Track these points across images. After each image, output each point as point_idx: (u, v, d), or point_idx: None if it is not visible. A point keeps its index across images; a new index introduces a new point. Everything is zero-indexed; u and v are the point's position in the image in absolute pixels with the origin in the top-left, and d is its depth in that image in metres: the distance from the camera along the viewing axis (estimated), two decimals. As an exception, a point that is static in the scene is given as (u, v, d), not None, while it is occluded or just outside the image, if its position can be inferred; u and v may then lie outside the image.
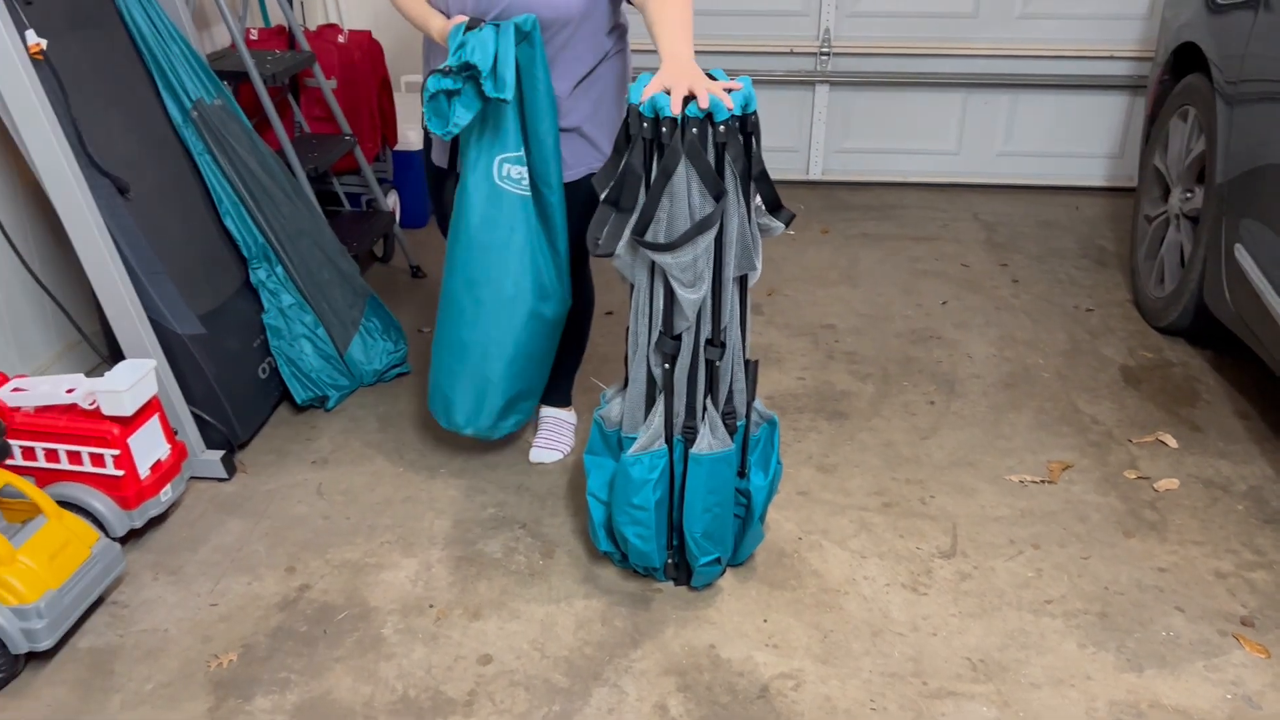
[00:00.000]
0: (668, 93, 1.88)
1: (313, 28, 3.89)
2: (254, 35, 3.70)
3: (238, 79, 3.21)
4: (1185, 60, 3.40)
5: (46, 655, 2.08)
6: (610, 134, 2.38)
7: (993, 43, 4.46)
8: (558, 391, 2.77)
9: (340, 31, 3.80)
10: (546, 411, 2.79)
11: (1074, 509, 2.51)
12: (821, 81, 4.57)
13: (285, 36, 3.73)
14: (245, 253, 2.81)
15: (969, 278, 3.80)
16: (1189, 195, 3.23)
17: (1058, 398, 2.99)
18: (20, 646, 1.97)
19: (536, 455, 2.70)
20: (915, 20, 4.46)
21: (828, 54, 4.52)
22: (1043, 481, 2.62)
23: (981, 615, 2.18)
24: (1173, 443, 2.77)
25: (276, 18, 4.01)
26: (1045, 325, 3.43)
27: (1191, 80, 3.25)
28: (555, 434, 2.74)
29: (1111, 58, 4.43)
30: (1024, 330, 3.40)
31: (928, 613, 2.19)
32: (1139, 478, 2.63)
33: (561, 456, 2.71)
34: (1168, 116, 3.42)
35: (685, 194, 1.88)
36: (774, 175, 4.92)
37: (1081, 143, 4.62)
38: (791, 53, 4.54)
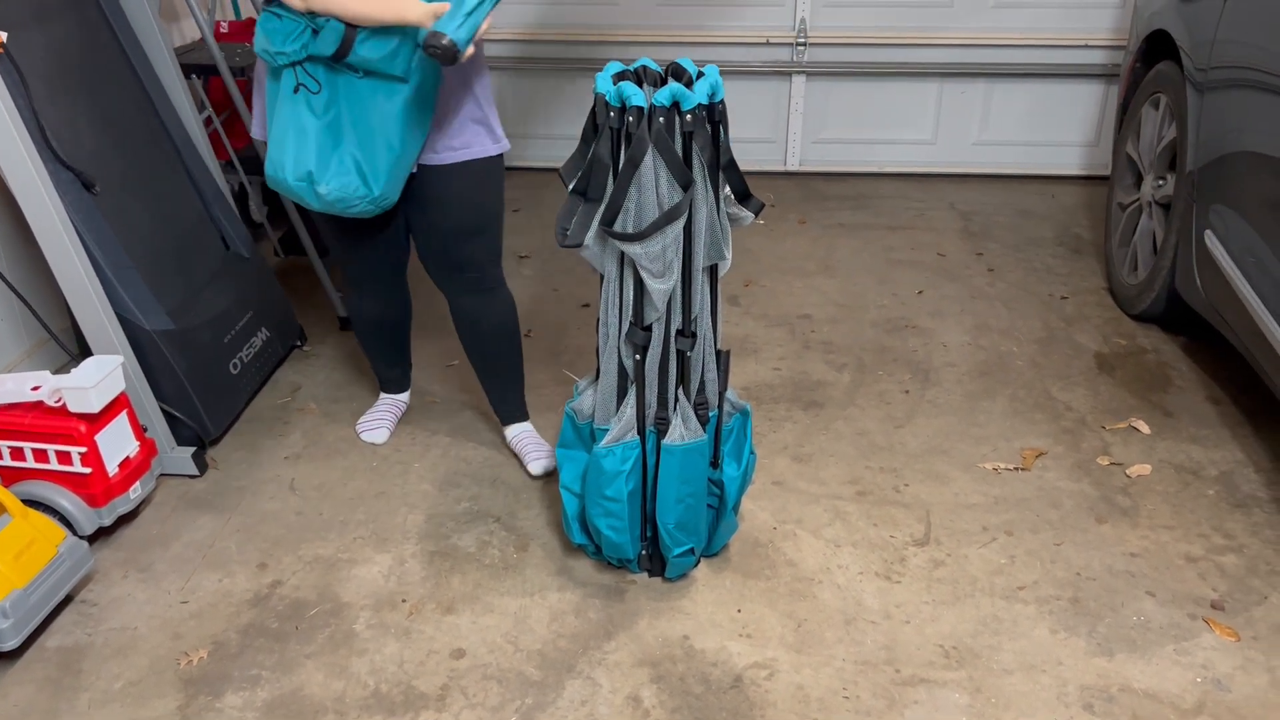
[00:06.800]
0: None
1: (284, 20, 3.85)
2: (224, 28, 3.67)
3: (207, 72, 3.19)
4: (1157, 47, 3.41)
5: (13, 655, 2.06)
6: None
7: (968, 32, 4.47)
8: (517, 409, 2.67)
9: (312, 24, 3.76)
10: (517, 430, 2.68)
11: (1047, 496, 2.52)
12: (798, 72, 4.57)
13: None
14: None
15: (945, 267, 3.80)
16: (1161, 182, 3.25)
17: (1032, 385, 3.00)
18: (-14, 646, 1.95)
19: (539, 468, 2.59)
20: (891, 10, 4.46)
21: (804, 44, 4.51)
22: (1016, 469, 2.62)
23: (954, 602, 2.19)
24: (1145, 429, 2.78)
25: (247, 10, 3.98)
26: (1020, 313, 3.44)
27: (1163, 68, 3.25)
28: (537, 444, 2.64)
29: (1086, 46, 4.45)
30: (999, 318, 3.40)
31: (901, 601, 2.19)
32: (1112, 464, 2.64)
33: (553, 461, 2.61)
34: (1140, 104, 3.43)
35: (653, 183, 1.87)
36: (751, 166, 4.98)
37: (1057, 131, 4.64)
38: (768, 43, 4.53)
